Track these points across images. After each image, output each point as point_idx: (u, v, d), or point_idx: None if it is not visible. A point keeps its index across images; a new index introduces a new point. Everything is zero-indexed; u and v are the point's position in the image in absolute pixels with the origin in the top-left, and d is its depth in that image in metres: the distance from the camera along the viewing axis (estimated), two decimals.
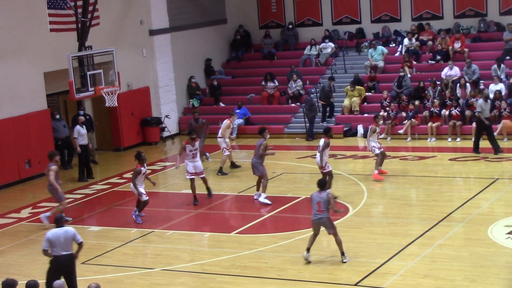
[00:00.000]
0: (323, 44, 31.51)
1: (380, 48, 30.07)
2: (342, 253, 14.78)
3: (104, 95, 22.31)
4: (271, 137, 27.43)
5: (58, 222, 13.32)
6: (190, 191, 19.99)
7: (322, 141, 19.20)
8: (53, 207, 19.20)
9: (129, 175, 23.82)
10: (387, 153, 24.40)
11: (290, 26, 32.98)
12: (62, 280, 11.62)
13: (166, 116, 29.64)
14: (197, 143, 20.18)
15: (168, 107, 30.17)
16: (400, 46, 30.38)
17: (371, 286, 13.62)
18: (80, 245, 13.17)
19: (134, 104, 28.48)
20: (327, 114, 28.30)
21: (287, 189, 20.81)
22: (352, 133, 27.71)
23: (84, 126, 23.77)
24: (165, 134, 29.53)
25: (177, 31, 30.53)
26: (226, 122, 23.48)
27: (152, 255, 16.52)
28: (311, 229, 14.93)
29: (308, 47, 31.90)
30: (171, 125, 30.01)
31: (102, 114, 27.47)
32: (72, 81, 21.16)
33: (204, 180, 20.19)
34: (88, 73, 21.86)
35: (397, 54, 30.35)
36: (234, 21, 33.70)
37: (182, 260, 15.81)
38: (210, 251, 16.24)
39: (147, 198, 18.62)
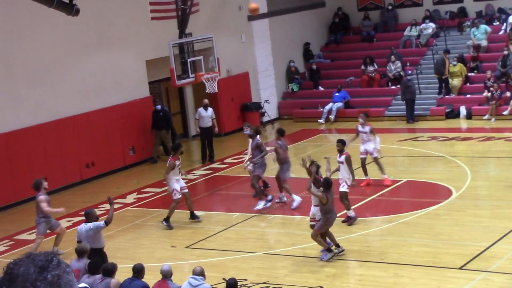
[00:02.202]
0: (423, 25, 30.96)
1: (483, 27, 29.30)
2: (337, 245, 14.70)
3: (205, 82, 22.55)
4: (371, 120, 27.26)
5: (86, 216, 13.68)
6: (293, 175, 19.40)
7: (168, 162, 17.69)
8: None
9: (230, 160, 24.11)
10: (491, 134, 23.88)
11: (390, 7, 32.53)
12: (168, 265, 11.85)
13: (266, 101, 29.76)
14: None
15: (268, 92, 30.30)
16: (505, 24, 29.53)
17: (476, 270, 13.36)
18: (106, 223, 13.50)
19: (234, 90, 28.72)
20: (442, 89, 27.83)
21: (388, 172, 20.56)
22: (454, 114, 27.18)
23: (208, 109, 24.12)
24: (265, 119, 29.68)
25: (276, 16, 30.57)
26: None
27: (254, 239, 16.65)
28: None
29: (409, 28, 31.39)
30: (270, 110, 30.13)
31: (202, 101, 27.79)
32: (173, 68, 21.47)
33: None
34: (189, 60, 22.13)
35: (501, 32, 29.51)
36: (332, 4, 33.49)
37: (283, 244, 15.88)
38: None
39: (179, 197, 17.45)
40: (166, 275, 11.39)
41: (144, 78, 25.50)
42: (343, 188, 16.53)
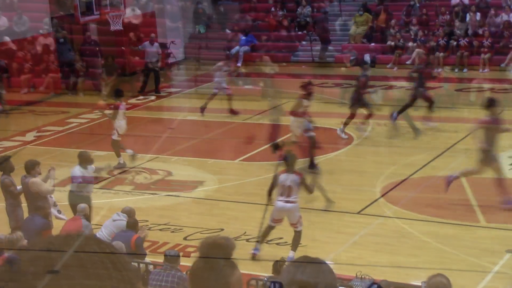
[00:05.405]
0: None
1: None
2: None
3: (109, 19, 22.16)
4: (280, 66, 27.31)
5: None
6: (195, 118, 19.49)
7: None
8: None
9: (134, 100, 23.78)
10: (394, 83, 24.31)
11: None
12: (85, 204, 11.81)
13: (172, 42, 29.44)
14: None
15: (174, 33, 29.93)
16: None
17: (373, 214, 13.72)
18: None
19: (140, 30, 28.17)
20: None
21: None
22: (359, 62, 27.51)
23: (154, 44, 24.67)
24: (171, 60, 29.35)
25: None
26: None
27: (157, 180, 16.60)
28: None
29: None
30: (176, 51, 29.82)
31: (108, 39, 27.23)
32: (77, 5, 20.99)
33: None
34: None
35: None
36: None
37: (186, 186, 15.87)
38: (214, 177, 16.29)
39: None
40: (81, 213, 11.37)
41: (47, 14, 24.82)
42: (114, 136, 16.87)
